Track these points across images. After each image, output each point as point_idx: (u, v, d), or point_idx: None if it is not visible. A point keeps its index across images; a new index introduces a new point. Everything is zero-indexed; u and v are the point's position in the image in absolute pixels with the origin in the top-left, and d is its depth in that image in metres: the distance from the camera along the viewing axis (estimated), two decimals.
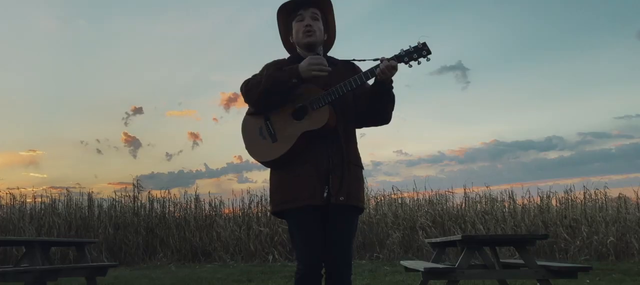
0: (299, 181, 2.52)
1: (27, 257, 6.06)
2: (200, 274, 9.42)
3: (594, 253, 11.86)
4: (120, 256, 13.50)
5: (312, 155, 2.54)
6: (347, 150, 2.58)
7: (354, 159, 2.63)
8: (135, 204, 14.88)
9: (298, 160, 2.55)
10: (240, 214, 14.15)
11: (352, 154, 2.62)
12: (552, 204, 14.10)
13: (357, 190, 2.61)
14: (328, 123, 2.50)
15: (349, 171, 2.55)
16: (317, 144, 2.54)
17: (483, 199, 14.66)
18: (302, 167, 2.53)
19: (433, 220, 12.98)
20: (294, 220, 2.57)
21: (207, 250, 13.44)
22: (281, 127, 2.57)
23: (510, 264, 5.09)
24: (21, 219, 14.23)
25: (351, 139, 2.65)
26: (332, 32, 2.84)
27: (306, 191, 2.52)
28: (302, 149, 2.54)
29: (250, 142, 2.72)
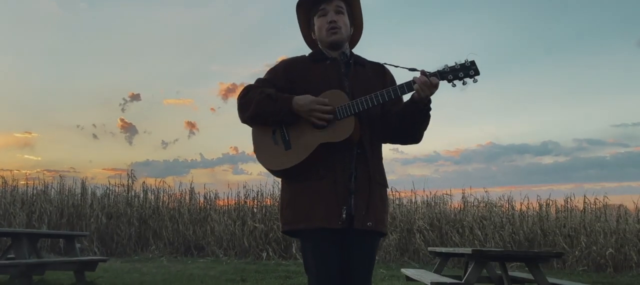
0: (314, 198, 2.20)
1: (14, 248, 5.83)
2: (192, 271, 9.20)
3: (592, 264, 11.70)
4: (111, 247, 13.27)
5: (332, 170, 2.22)
6: (374, 167, 2.28)
7: (380, 178, 2.33)
8: (129, 194, 14.65)
9: (314, 174, 2.22)
10: (234, 208, 13.93)
11: (378, 172, 2.33)
12: (552, 211, 13.96)
13: (383, 213, 2.30)
14: (352, 136, 2.18)
15: (376, 192, 2.26)
16: (338, 158, 2.23)
17: (481, 203, 14.50)
18: (320, 182, 2.21)
19: (431, 223, 12.79)
20: (307, 243, 2.24)
21: (200, 244, 13.23)
22: (297, 134, 2.24)
23: (518, 279, 4.89)
24: (12, 205, 13.96)
25: (377, 155, 2.35)
26: (359, 26, 2.51)
27: (321, 211, 2.19)
28: (320, 161, 2.23)
29: (260, 146, 2.36)
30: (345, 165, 2.23)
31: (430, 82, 2.11)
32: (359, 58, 2.49)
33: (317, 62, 2.42)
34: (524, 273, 5.08)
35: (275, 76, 2.44)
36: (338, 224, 2.16)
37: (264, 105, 2.28)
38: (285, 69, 2.44)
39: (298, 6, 2.46)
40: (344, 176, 2.21)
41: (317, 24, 2.44)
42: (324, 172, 2.23)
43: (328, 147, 2.19)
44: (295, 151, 2.25)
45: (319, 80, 2.34)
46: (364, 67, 2.44)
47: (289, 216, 2.28)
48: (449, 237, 12.40)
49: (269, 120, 2.31)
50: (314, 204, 2.21)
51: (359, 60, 2.46)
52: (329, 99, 2.26)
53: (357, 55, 2.51)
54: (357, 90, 2.31)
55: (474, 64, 2.07)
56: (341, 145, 2.20)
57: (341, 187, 2.20)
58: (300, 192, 2.26)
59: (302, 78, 2.38)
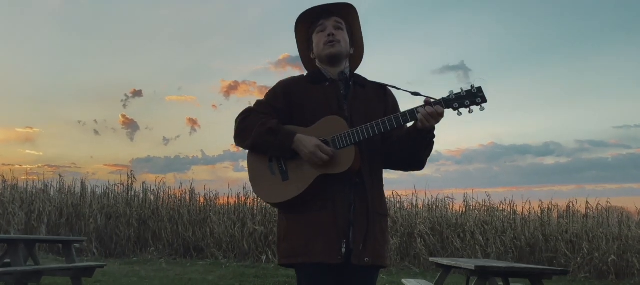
0: (312, 231, 2.11)
1: (10, 255, 5.75)
2: (191, 275, 9.13)
3: (594, 271, 11.62)
4: (110, 247, 13.21)
5: (331, 201, 2.13)
6: (373, 197, 2.18)
7: (379, 208, 2.23)
8: (128, 194, 14.59)
9: (313, 205, 2.13)
10: (234, 209, 13.85)
11: (378, 202, 2.22)
12: (554, 216, 13.87)
13: (383, 246, 2.20)
14: (352, 167, 2.08)
15: (375, 224, 2.16)
16: (337, 188, 2.14)
17: (483, 207, 14.41)
18: (319, 213, 2.12)
19: (432, 227, 12.71)
20: (305, 278, 2.15)
21: (199, 246, 13.15)
22: (295, 164, 2.16)
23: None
24: (11, 204, 13.90)
25: (377, 184, 2.25)
26: (360, 46, 2.42)
27: (320, 245, 2.10)
28: (318, 192, 2.13)
29: (256, 176, 2.27)
30: (344, 196, 2.14)
31: (435, 111, 2.01)
32: (360, 78, 2.39)
33: (316, 84, 2.32)
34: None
35: (274, 99, 2.35)
36: (337, 259, 2.07)
37: (264, 138, 2.20)
38: (284, 91, 2.35)
39: (297, 23, 2.38)
40: (343, 207, 2.12)
41: (315, 39, 2.38)
42: (322, 204, 2.14)
43: (327, 178, 2.10)
44: (293, 183, 2.16)
45: (318, 104, 2.26)
46: (364, 88, 2.33)
47: (286, 249, 2.18)
48: (450, 242, 12.31)
49: (268, 152, 2.23)
50: (312, 237, 2.12)
51: (359, 81, 2.36)
52: (327, 127, 2.17)
53: (358, 75, 2.41)
54: (356, 114, 2.22)
55: (481, 91, 1.96)
56: (340, 176, 2.10)
57: (341, 219, 2.11)
58: (298, 224, 2.18)
59: (301, 100, 2.30)
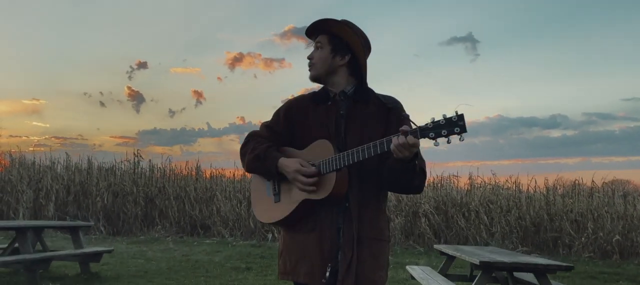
0: (301, 252, 2.15)
1: (19, 242, 5.82)
2: (197, 256, 9.23)
3: (598, 250, 11.66)
4: (118, 225, 13.36)
5: (320, 224, 2.13)
6: (361, 222, 2.12)
7: (372, 232, 2.15)
8: (135, 172, 14.69)
9: (304, 227, 2.17)
10: (240, 188, 13.93)
11: (370, 227, 2.15)
12: (559, 194, 13.86)
13: (375, 270, 2.14)
14: (332, 194, 2.06)
15: (364, 248, 2.11)
16: (325, 212, 2.13)
17: (488, 186, 14.43)
18: (307, 235, 2.16)
19: (436, 207, 12.74)
20: None
21: (206, 224, 13.28)
22: (287, 187, 2.20)
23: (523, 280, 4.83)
24: (20, 182, 14.02)
25: (369, 208, 2.16)
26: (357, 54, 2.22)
27: (305, 266, 2.14)
28: (308, 214, 2.15)
29: (255, 196, 2.36)
30: (332, 219, 2.13)
31: (406, 142, 1.88)
32: (363, 94, 2.26)
33: (320, 104, 2.29)
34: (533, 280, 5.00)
35: (275, 122, 2.37)
36: (322, 282, 2.09)
37: (253, 164, 2.27)
38: (285, 114, 2.34)
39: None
40: (331, 231, 2.12)
41: None
42: (312, 226, 2.16)
43: (315, 201, 2.11)
44: (282, 205, 2.21)
45: (318, 125, 2.23)
46: (367, 105, 2.23)
47: (281, 265, 2.27)
48: (455, 221, 12.36)
49: (261, 174, 2.30)
50: (301, 258, 2.17)
51: (362, 98, 2.24)
52: (317, 151, 2.16)
53: (364, 91, 2.27)
54: (350, 135, 2.16)
55: (462, 119, 1.80)
56: (324, 201, 2.11)
57: (328, 242, 2.11)
58: (291, 243, 2.23)
59: (301, 122, 2.29)
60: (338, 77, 2.26)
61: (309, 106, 2.30)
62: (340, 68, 2.26)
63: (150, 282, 6.47)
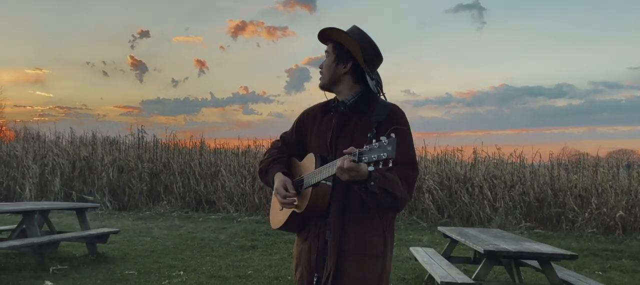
0: (298, 257, 2.24)
1: (26, 226, 5.87)
2: (203, 233, 9.31)
3: (601, 226, 11.71)
4: (123, 200, 13.46)
5: (310, 234, 2.17)
6: (345, 236, 2.08)
7: (357, 248, 2.08)
8: (139, 148, 14.73)
9: (301, 235, 2.25)
10: (245, 164, 13.98)
11: (355, 241, 2.08)
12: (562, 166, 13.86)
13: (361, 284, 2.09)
14: (308, 209, 2.06)
15: (346, 262, 2.07)
16: (315, 223, 2.15)
17: (492, 161, 14.42)
18: (303, 244, 2.22)
19: (440, 182, 12.76)
20: None
21: (211, 199, 13.37)
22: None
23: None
24: (25, 157, 14.09)
25: (355, 222, 2.08)
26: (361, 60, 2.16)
27: (299, 273, 2.22)
28: (303, 224, 2.20)
29: (273, 202, 2.42)
30: (318, 232, 2.14)
31: (342, 166, 1.80)
32: (361, 105, 2.18)
33: (325, 114, 2.27)
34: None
35: (289, 134, 2.42)
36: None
37: (260, 176, 2.39)
38: (297, 127, 2.37)
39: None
40: (319, 242, 2.13)
41: None
42: (305, 235, 2.21)
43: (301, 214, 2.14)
44: (281, 214, 2.27)
45: (316, 136, 2.24)
46: (363, 116, 2.15)
47: (293, 265, 2.32)
48: (459, 197, 12.40)
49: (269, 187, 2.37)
50: (297, 264, 2.25)
51: (358, 109, 2.17)
52: (306, 165, 2.19)
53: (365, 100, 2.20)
54: (340, 148, 2.04)
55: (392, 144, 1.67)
56: (307, 214, 2.12)
57: (315, 253, 2.14)
58: (295, 248, 2.31)
59: (310, 133, 2.31)
60: (343, 85, 2.22)
61: (317, 116, 2.30)
62: (344, 76, 2.22)
63: (157, 262, 6.54)
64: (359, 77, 2.21)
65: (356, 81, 2.22)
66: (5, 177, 13.98)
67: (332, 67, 2.22)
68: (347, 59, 2.20)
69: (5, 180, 13.94)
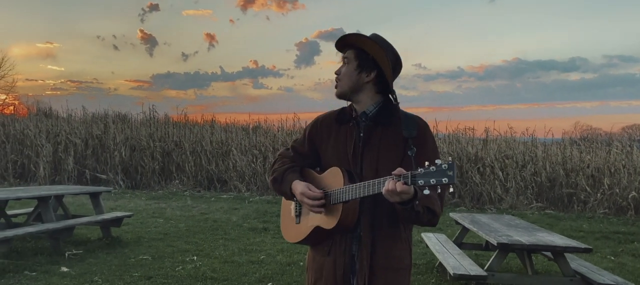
0: (318, 273, 2.17)
1: (41, 211, 5.95)
2: (215, 214, 9.38)
3: (613, 206, 11.65)
4: (136, 179, 13.59)
5: (335, 249, 2.12)
6: (375, 251, 2.07)
7: (387, 261, 2.08)
8: (151, 127, 14.82)
9: (322, 250, 2.17)
10: (255, 143, 14.02)
11: (384, 256, 2.08)
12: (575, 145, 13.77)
13: None
14: (340, 224, 2.03)
15: (377, 278, 2.07)
16: (341, 238, 2.11)
17: (503, 140, 14.35)
18: (325, 258, 2.15)
19: None
20: None
21: (222, 178, 13.45)
22: (306, 210, 2.21)
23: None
24: (38, 136, 14.22)
25: (384, 236, 2.08)
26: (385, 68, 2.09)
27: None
28: (324, 238, 2.14)
29: (283, 211, 2.37)
30: (346, 246, 2.09)
31: (394, 189, 1.78)
32: (383, 116, 2.13)
33: (342, 124, 2.21)
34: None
35: (302, 142, 2.31)
36: None
37: (274, 186, 2.29)
38: (308, 137, 2.27)
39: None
40: (345, 258, 2.09)
41: None
42: (327, 250, 2.14)
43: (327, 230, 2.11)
44: (301, 227, 2.21)
45: (335, 148, 2.17)
46: (387, 128, 2.10)
47: (306, 280, 2.28)
48: (469, 177, 12.37)
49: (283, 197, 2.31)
50: (317, 279, 2.18)
51: (384, 120, 2.12)
52: (330, 179, 2.11)
53: (388, 111, 2.15)
54: (367, 162, 2.07)
55: (452, 168, 1.69)
56: (334, 230, 2.09)
57: (341, 269, 2.09)
58: (312, 262, 2.23)
59: (325, 143, 2.21)
60: (363, 94, 2.14)
61: (332, 126, 2.23)
62: (366, 85, 2.13)
63: (170, 246, 6.61)
64: (381, 87, 2.14)
65: (378, 91, 2.15)
66: (19, 156, 14.15)
67: (353, 75, 2.13)
68: (371, 67, 2.12)
69: (19, 158, 14.11)
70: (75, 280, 4.93)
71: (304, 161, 2.28)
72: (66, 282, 4.86)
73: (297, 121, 16.06)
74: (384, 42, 2.15)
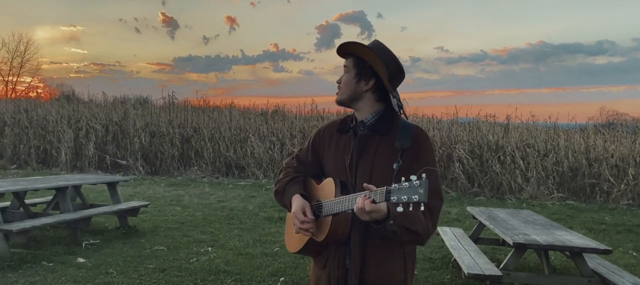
0: (317, 284, 2.16)
1: (59, 202, 6.02)
2: (232, 203, 9.42)
3: (637, 197, 11.38)
4: (156, 165, 13.72)
5: (329, 262, 2.09)
6: (366, 265, 2.01)
7: (379, 277, 2.01)
8: (170, 114, 14.92)
9: (319, 262, 2.16)
10: (273, 130, 14.02)
11: (376, 270, 2.01)
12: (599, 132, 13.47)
13: None
14: (328, 237, 1.99)
15: None
16: (335, 251, 2.07)
17: (525, 128, 14.09)
18: (322, 271, 2.14)
19: (471, 151, 12.54)
20: None
21: (240, 165, 13.50)
22: None
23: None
24: (60, 121, 14.42)
25: (376, 250, 2.01)
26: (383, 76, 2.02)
27: None
28: (320, 251, 2.12)
29: (288, 223, 2.34)
30: (340, 259, 2.06)
31: (363, 208, 1.71)
32: (381, 125, 2.05)
33: (343, 133, 2.16)
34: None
35: (305, 153, 2.28)
36: None
37: (276, 197, 2.28)
38: (311, 144, 2.25)
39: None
40: (339, 271, 2.05)
41: None
42: (323, 262, 2.13)
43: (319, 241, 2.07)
44: (298, 238, 2.18)
45: (334, 157, 2.13)
46: (385, 138, 2.02)
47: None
48: (490, 166, 12.18)
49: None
50: None
51: (380, 129, 2.05)
52: (325, 190, 2.07)
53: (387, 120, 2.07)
54: (361, 172, 2.01)
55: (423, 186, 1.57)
56: (324, 243, 2.05)
57: (335, 282, 2.06)
58: (312, 273, 2.23)
59: (325, 153, 2.18)
60: (363, 103, 2.09)
61: (334, 135, 2.18)
62: (365, 93, 2.08)
63: (186, 236, 6.65)
64: (381, 95, 2.07)
65: (378, 99, 2.08)
66: (42, 141, 14.38)
67: (352, 83, 2.08)
68: (370, 75, 2.06)
69: (42, 143, 14.34)
70: (90, 272, 4.98)
71: (307, 171, 2.24)
72: (81, 274, 4.92)
73: (314, 106, 16.00)
74: (382, 50, 2.08)
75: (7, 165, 13.83)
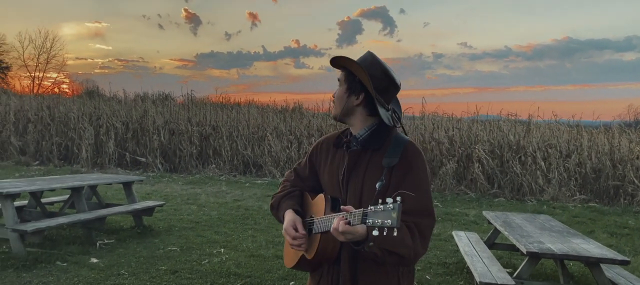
0: None
1: (75, 201, 6.08)
2: (248, 202, 9.42)
3: None
4: (174, 162, 13.83)
5: (323, 280, 2.06)
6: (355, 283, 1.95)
7: None
8: (189, 112, 15.02)
9: (315, 278, 2.12)
10: (290, 129, 14.01)
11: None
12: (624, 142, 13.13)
13: None
14: (318, 254, 1.95)
15: None
16: (328, 268, 2.03)
17: (547, 128, 13.82)
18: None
19: (491, 151, 12.35)
20: None
21: (258, 163, 13.52)
22: None
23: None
24: (81, 119, 14.62)
25: (368, 268, 1.94)
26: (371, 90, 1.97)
27: None
28: (314, 267, 2.07)
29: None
30: (332, 277, 2.01)
31: (336, 229, 1.67)
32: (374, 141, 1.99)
33: (338, 148, 2.10)
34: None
35: (303, 167, 2.24)
36: None
37: (273, 213, 2.25)
38: (309, 158, 2.21)
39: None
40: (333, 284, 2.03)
41: None
42: (317, 279, 2.09)
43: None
44: (293, 254, 2.15)
45: (328, 173, 2.08)
46: (376, 153, 1.96)
47: None
48: (510, 166, 11.98)
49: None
50: None
51: (372, 145, 1.99)
52: (318, 206, 2.02)
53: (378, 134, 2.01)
54: (351, 189, 1.97)
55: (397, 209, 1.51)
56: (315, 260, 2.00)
57: None
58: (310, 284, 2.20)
59: (322, 167, 2.14)
60: (355, 118, 2.04)
61: (330, 149, 2.13)
62: (356, 108, 2.03)
63: (199, 236, 6.67)
64: (372, 109, 2.01)
65: (370, 113, 2.02)
66: (64, 138, 14.61)
67: (343, 98, 2.03)
68: (359, 90, 2.00)
69: (64, 140, 14.57)
70: (103, 273, 5.01)
71: (305, 185, 2.20)
72: (94, 275, 4.95)
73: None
74: (371, 63, 1.99)
75: (30, 161, 14.08)
